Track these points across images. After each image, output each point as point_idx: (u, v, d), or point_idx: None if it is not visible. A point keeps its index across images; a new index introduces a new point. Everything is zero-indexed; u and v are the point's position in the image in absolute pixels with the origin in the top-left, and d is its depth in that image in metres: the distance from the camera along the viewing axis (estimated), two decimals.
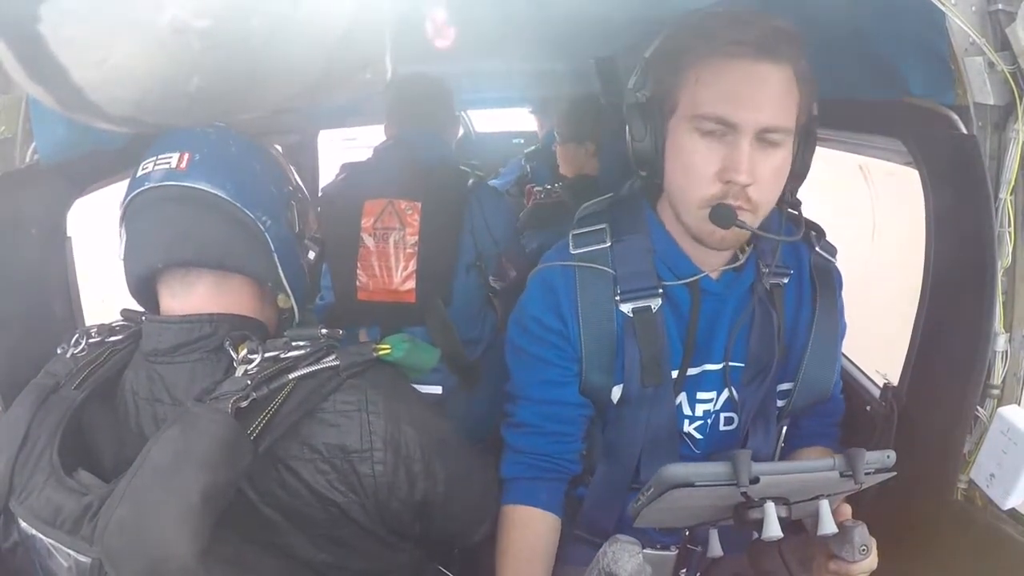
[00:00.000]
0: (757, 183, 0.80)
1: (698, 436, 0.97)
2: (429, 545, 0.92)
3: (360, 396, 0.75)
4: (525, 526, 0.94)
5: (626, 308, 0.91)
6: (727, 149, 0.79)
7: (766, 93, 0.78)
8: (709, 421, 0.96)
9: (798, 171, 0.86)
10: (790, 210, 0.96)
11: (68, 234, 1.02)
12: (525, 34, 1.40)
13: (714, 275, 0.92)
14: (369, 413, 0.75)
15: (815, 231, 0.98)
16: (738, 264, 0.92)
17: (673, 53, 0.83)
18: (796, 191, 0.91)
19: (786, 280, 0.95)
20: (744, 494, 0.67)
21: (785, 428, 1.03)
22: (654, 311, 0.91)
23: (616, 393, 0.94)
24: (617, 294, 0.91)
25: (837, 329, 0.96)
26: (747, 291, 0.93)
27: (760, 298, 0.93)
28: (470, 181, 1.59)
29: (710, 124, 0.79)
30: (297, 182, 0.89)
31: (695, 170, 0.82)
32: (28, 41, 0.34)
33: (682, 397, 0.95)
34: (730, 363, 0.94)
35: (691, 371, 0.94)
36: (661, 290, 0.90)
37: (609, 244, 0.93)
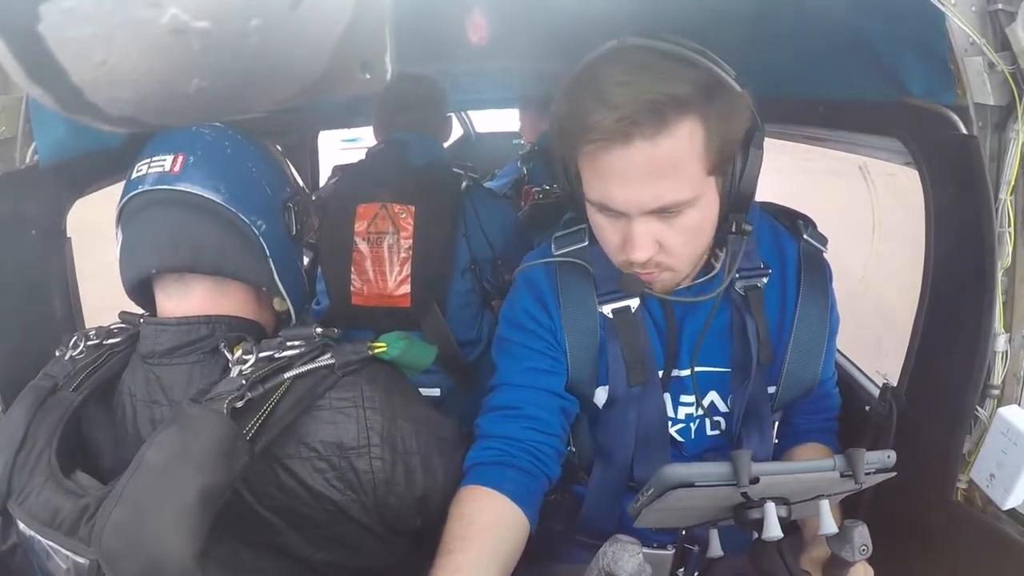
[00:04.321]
0: (665, 250, 0.78)
1: (680, 439, 0.96)
2: (429, 542, 0.92)
3: (356, 392, 0.75)
4: (470, 501, 0.82)
5: (606, 310, 0.91)
6: (625, 225, 0.77)
7: (648, 174, 0.71)
8: (693, 426, 0.96)
9: (737, 203, 0.80)
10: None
11: (68, 235, 1.02)
12: (526, 34, 1.40)
13: (685, 284, 0.90)
14: (366, 409, 0.75)
15: (803, 220, 0.98)
16: (710, 276, 0.90)
17: (560, 134, 0.77)
18: (742, 220, 0.83)
19: (765, 280, 0.92)
20: (744, 494, 0.67)
21: (778, 425, 1.03)
22: (634, 311, 0.91)
23: (600, 395, 0.94)
24: (597, 296, 0.91)
25: (825, 319, 0.93)
26: (721, 296, 0.91)
27: (735, 303, 0.92)
28: (464, 184, 1.58)
29: (601, 207, 0.78)
30: (296, 183, 0.88)
31: (604, 242, 0.83)
32: (28, 41, 0.34)
33: (666, 399, 0.94)
34: (713, 368, 0.94)
35: (675, 373, 0.94)
36: None
37: (587, 243, 0.93)
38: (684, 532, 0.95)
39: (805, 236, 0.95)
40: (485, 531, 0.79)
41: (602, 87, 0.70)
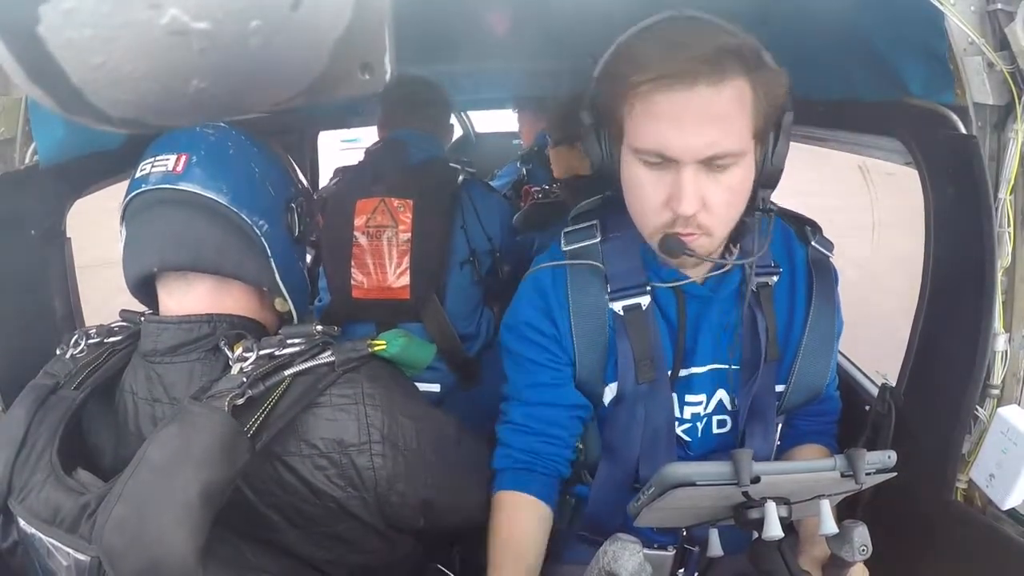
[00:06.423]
0: (708, 208, 0.77)
1: (687, 439, 0.96)
2: (429, 541, 0.92)
3: (356, 389, 0.75)
4: (514, 508, 0.92)
5: (617, 307, 0.91)
6: (672, 178, 0.76)
7: (705, 120, 0.73)
8: (699, 425, 0.96)
9: (768, 177, 0.82)
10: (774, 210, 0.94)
11: (68, 235, 1.02)
12: (525, 34, 1.40)
13: (699, 279, 0.91)
14: (366, 406, 0.75)
15: (811, 226, 0.98)
16: (724, 269, 0.90)
17: (612, 79, 0.78)
18: (768, 197, 0.84)
19: (775, 279, 0.93)
20: (745, 493, 0.67)
21: (780, 426, 1.03)
22: (644, 308, 0.90)
23: (608, 393, 0.94)
24: (608, 292, 0.91)
25: (833, 325, 0.94)
26: (734, 293, 0.92)
27: (748, 300, 0.92)
28: (460, 177, 1.59)
29: (651, 157, 0.77)
30: (300, 183, 0.88)
31: (644, 200, 0.81)
32: (28, 43, 0.34)
33: (672, 398, 0.94)
34: (723, 366, 0.93)
35: (681, 372, 0.94)
36: (649, 287, 0.90)
37: (599, 239, 0.93)
38: (684, 532, 0.95)
39: (813, 243, 0.96)
40: (535, 539, 0.91)
41: (667, 35, 0.74)
